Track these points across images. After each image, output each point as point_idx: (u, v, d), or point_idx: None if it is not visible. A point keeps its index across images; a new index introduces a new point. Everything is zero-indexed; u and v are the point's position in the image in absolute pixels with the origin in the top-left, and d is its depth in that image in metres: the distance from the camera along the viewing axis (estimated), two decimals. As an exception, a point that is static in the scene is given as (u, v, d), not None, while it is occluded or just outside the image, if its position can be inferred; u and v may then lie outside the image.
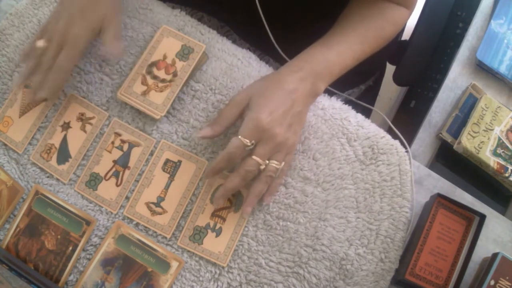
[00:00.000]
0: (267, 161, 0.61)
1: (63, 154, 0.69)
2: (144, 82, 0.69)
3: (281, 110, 0.60)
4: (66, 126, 0.70)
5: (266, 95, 0.61)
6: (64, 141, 0.69)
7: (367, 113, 0.74)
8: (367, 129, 0.69)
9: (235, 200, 0.66)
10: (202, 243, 0.65)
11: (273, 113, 0.60)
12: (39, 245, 0.65)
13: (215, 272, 0.64)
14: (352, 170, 0.68)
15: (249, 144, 0.60)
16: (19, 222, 0.66)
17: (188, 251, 0.65)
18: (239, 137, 0.60)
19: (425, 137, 0.78)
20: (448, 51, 0.92)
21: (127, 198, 0.67)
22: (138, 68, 0.70)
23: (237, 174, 0.61)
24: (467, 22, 0.85)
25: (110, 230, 0.65)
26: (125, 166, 0.68)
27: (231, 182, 0.61)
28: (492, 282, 0.62)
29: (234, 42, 0.74)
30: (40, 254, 0.65)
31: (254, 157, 0.60)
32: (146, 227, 0.66)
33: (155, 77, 0.70)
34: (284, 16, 0.75)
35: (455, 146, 0.74)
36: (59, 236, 0.65)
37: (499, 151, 0.74)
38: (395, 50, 0.94)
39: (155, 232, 0.65)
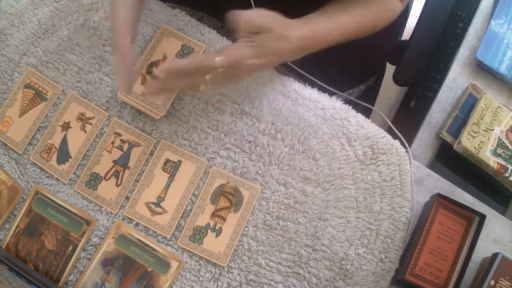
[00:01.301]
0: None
1: (63, 154, 0.69)
2: (144, 82, 0.69)
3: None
4: (66, 126, 0.70)
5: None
6: (64, 141, 0.69)
7: (367, 113, 0.74)
8: (367, 129, 0.69)
9: (235, 200, 0.66)
10: (202, 243, 0.65)
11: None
12: (39, 245, 0.65)
13: (215, 272, 0.64)
14: (352, 170, 0.68)
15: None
16: (19, 222, 0.66)
17: (188, 251, 0.65)
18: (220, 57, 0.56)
19: (425, 137, 0.78)
20: (448, 51, 0.92)
21: (127, 198, 0.67)
22: (138, 68, 0.70)
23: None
24: (467, 22, 0.85)
25: (110, 230, 0.65)
26: (125, 166, 0.68)
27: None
28: (492, 282, 0.62)
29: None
30: (40, 254, 0.65)
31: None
32: (146, 227, 0.66)
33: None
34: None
35: (455, 146, 0.74)
36: (59, 236, 0.65)
37: (499, 151, 0.74)
38: (395, 50, 0.94)
39: (155, 232, 0.65)
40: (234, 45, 0.59)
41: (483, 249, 0.68)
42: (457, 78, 0.80)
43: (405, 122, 0.95)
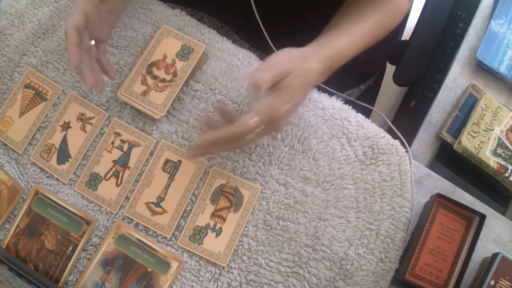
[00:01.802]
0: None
1: (63, 154, 0.69)
2: (144, 82, 0.69)
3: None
4: (66, 126, 0.70)
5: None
6: (64, 141, 0.69)
7: (367, 113, 0.74)
8: (367, 129, 0.69)
9: (235, 200, 0.66)
10: (202, 243, 0.65)
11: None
12: (39, 245, 0.65)
13: (215, 272, 0.64)
14: (352, 170, 0.68)
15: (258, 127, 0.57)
16: (19, 222, 0.66)
17: (188, 251, 0.65)
18: (255, 118, 0.56)
19: (425, 137, 0.78)
20: (448, 51, 0.92)
21: (127, 198, 0.67)
22: (138, 68, 0.70)
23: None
24: (467, 22, 0.85)
25: (110, 230, 0.65)
26: (125, 166, 0.68)
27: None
28: (492, 282, 0.62)
29: (234, 42, 0.74)
30: (40, 254, 0.65)
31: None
32: (146, 227, 0.66)
33: (155, 77, 0.70)
34: (280, 17, 0.75)
35: (455, 146, 0.74)
36: (59, 236, 0.65)
37: (499, 151, 0.74)
38: (395, 50, 0.94)
39: (155, 232, 0.65)
40: (263, 100, 0.57)
41: (483, 249, 0.68)
42: (457, 78, 0.80)
43: (405, 122, 0.95)
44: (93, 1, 0.62)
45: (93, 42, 0.64)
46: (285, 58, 0.58)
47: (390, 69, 0.95)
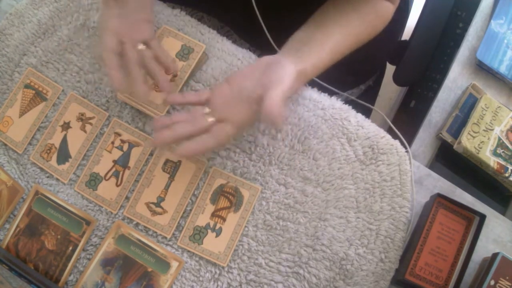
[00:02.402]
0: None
1: (63, 154, 0.69)
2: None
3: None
4: (66, 126, 0.70)
5: None
6: (64, 141, 0.69)
7: (367, 113, 0.74)
8: (367, 129, 0.69)
9: (235, 200, 0.66)
10: (202, 243, 0.65)
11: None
12: (39, 245, 0.65)
13: (215, 272, 0.64)
14: (352, 170, 0.68)
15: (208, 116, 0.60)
16: (19, 222, 0.66)
17: (188, 251, 0.65)
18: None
19: (425, 137, 0.78)
20: (448, 51, 0.92)
21: (127, 198, 0.67)
22: (138, 68, 0.70)
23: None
24: (467, 22, 0.85)
25: (110, 230, 0.65)
26: (125, 166, 0.68)
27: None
28: (492, 282, 0.62)
29: (234, 42, 0.74)
30: (40, 254, 0.65)
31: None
32: (146, 227, 0.66)
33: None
34: (281, 17, 0.75)
35: (455, 146, 0.74)
36: (59, 236, 0.65)
37: (499, 151, 0.74)
38: (395, 50, 0.94)
39: (155, 232, 0.65)
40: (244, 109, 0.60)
41: (483, 249, 0.68)
42: (457, 78, 0.80)
43: (405, 122, 0.95)
44: (112, 13, 0.62)
45: (141, 46, 0.62)
46: (287, 87, 0.58)
47: (390, 69, 0.95)
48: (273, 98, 0.56)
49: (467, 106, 0.77)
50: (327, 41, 0.63)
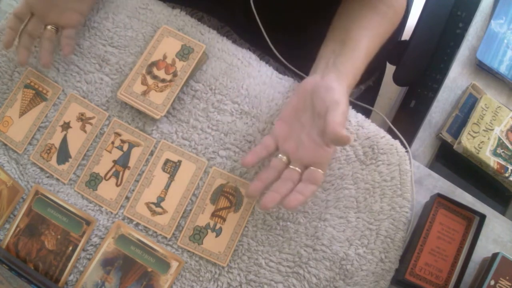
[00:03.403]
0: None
1: (63, 154, 0.69)
2: (144, 82, 0.69)
3: None
4: (66, 126, 0.70)
5: None
6: (64, 141, 0.69)
7: (367, 113, 0.74)
8: (367, 129, 0.69)
9: (235, 200, 0.66)
10: (202, 243, 0.65)
11: None
12: (39, 245, 0.65)
13: (215, 272, 0.64)
14: (352, 170, 0.68)
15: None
16: (19, 222, 0.66)
17: (188, 251, 0.65)
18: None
19: (425, 137, 0.78)
20: (448, 51, 0.92)
21: (127, 198, 0.67)
22: (138, 68, 0.70)
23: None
24: (467, 22, 0.85)
25: (110, 230, 0.65)
26: (125, 166, 0.68)
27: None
28: (492, 282, 0.62)
29: (234, 42, 0.74)
30: (40, 254, 0.65)
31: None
32: (146, 227, 0.66)
33: (155, 77, 0.70)
34: (280, 17, 0.75)
35: (455, 146, 0.74)
36: (59, 236, 0.65)
37: (499, 151, 0.74)
38: (395, 50, 0.93)
39: (155, 232, 0.65)
40: (330, 153, 0.60)
41: (483, 249, 0.68)
42: (457, 78, 0.80)
43: (405, 122, 0.95)
44: None
45: (49, 27, 0.69)
46: (345, 107, 0.58)
47: (390, 69, 0.95)
48: (335, 121, 0.55)
49: (467, 106, 0.77)
50: (358, 47, 0.63)
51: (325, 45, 0.66)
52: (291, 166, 0.61)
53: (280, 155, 0.62)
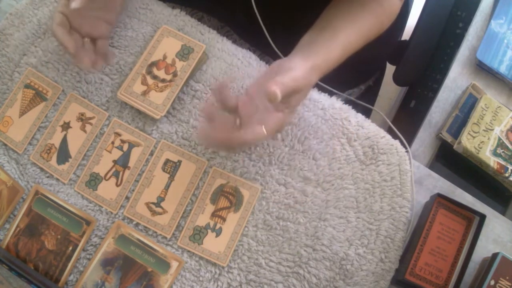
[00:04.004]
0: None
1: (63, 154, 0.69)
2: (144, 82, 0.69)
3: None
4: (66, 126, 0.70)
5: None
6: (64, 141, 0.69)
7: (367, 113, 0.74)
8: (367, 129, 0.69)
9: (235, 200, 0.66)
10: (202, 243, 0.65)
11: None
12: (39, 245, 0.65)
13: (215, 272, 0.64)
14: (352, 170, 0.68)
15: None
16: (19, 222, 0.66)
17: (188, 251, 0.65)
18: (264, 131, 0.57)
19: (425, 137, 0.78)
20: (448, 51, 0.92)
21: (127, 198, 0.67)
22: (138, 68, 0.70)
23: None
24: (467, 22, 0.85)
25: (110, 230, 0.65)
26: (125, 166, 0.68)
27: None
28: (492, 282, 0.62)
29: (234, 42, 0.74)
30: (40, 254, 0.65)
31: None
32: (146, 227, 0.66)
33: (155, 77, 0.70)
34: (281, 17, 0.75)
35: (455, 146, 0.74)
36: (59, 236, 0.65)
37: (499, 151, 0.74)
38: (395, 50, 0.94)
39: (155, 232, 0.65)
40: (277, 116, 0.58)
41: (483, 249, 0.68)
42: (457, 78, 0.80)
43: (405, 122, 0.95)
44: (68, 2, 0.65)
45: (86, 40, 0.67)
46: (299, 75, 0.57)
47: (390, 69, 0.95)
48: (276, 79, 0.54)
49: (467, 106, 0.77)
50: (335, 37, 0.63)
51: (307, 33, 0.66)
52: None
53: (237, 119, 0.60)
